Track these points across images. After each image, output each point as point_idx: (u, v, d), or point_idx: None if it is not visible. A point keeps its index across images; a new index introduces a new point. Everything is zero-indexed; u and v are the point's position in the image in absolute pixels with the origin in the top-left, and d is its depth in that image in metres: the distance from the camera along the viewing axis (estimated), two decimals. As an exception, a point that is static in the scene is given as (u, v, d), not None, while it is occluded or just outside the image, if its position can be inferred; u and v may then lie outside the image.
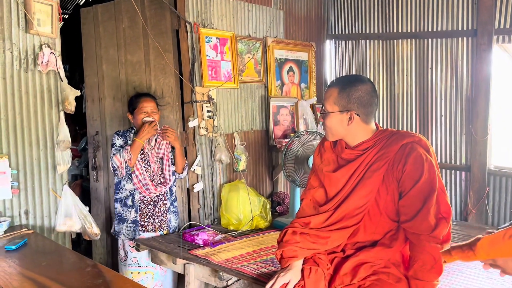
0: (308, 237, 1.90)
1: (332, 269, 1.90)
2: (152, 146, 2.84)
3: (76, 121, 4.66)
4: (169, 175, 2.88)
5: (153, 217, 2.87)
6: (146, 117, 2.79)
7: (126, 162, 2.72)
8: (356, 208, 1.87)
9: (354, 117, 1.84)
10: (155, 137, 2.84)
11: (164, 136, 2.82)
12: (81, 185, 4.22)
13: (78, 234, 2.93)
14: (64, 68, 2.75)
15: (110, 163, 2.76)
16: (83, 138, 4.49)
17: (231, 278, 2.37)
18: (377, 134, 1.89)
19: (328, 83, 1.96)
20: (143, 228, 2.85)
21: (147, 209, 2.86)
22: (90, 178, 3.73)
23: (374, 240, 1.91)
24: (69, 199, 2.66)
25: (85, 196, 3.84)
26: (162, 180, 2.87)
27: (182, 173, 2.97)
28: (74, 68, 5.10)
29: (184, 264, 2.55)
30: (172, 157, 2.93)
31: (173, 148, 2.93)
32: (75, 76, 5.12)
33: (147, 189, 2.80)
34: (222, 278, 2.36)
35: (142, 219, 2.85)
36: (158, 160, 2.88)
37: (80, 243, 3.95)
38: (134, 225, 2.84)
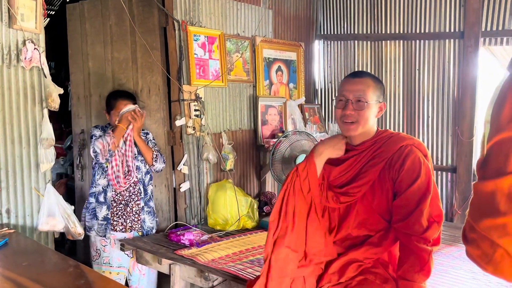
0: None
1: (323, 267, 1.91)
2: (123, 147, 2.81)
3: (62, 119, 4.60)
4: (133, 167, 2.83)
5: (124, 216, 2.84)
6: (124, 107, 2.77)
7: (109, 145, 2.70)
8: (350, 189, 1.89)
9: (384, 109, 1.94)
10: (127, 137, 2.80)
11: (132, 119, 2.76)
12: (66, 184, 4.16)
13: (62, 234, 2.88)
14: (50, 65, 2.71)
15: (92, 149, 2.74)
16: (69, 136, 4.42)
17: (217, 279, 2.35)
18: (378, 134, 1.92)
19: (350, 74, 1.99)
20: (112, 227, 2.82)
21: (118, 208, 2.83)
22: (75, 177, 3.68)
23: (363, 235, 1.91)
24: (52, 198, 2.61)
25: (71, 195, 3.78)
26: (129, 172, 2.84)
27: (153, 165, 2.88)
28: (60, 65, 5.02)
29: (170, 265, 2.53)
30: (137, 152, 2.88)
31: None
32: (61, 74, 5.05)
33: (118, 182, 2.77)
34: (208, 279, 2.34)
35: (112, 218, 2.82)
36: (134, 154, 2.86)
37: (64, 243, 3.89)
38: (105, 222, 2.82)
